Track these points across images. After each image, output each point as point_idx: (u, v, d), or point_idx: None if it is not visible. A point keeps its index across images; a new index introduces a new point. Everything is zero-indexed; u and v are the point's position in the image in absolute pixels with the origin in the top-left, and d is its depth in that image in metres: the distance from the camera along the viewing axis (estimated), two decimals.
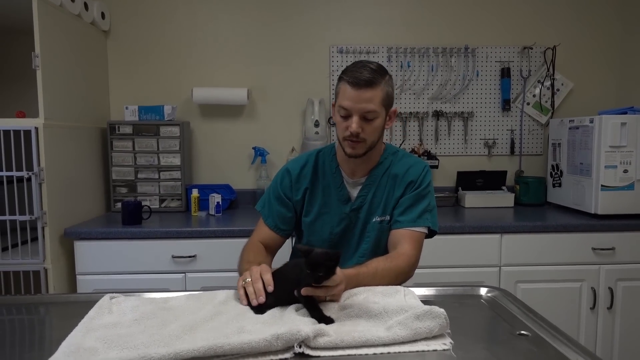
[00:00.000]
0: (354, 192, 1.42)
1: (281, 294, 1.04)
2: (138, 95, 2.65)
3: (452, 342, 0.89)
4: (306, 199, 1.44)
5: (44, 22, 1.96)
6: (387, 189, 1.41)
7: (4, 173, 1.90)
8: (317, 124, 2.56)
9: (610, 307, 2.17)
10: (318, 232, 1.44)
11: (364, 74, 1.26)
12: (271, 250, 1.46)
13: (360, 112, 1.27)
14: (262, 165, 2.62)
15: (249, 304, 1.06)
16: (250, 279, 1.09)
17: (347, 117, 1.29)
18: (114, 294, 1.11)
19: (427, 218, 1.37)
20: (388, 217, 1.40)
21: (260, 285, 1.07)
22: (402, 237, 1.34)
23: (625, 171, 2.19)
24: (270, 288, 1.05)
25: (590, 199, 2.24)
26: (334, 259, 0.98)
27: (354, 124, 1.27)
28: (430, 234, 1.40)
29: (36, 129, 1.91)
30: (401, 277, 1.26)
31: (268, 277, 1.08)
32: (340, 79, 1.32)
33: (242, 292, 1.09)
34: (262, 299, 1.04)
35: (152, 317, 0.98)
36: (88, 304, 1.05)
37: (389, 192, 1.40)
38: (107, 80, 2.65)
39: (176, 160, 2.47)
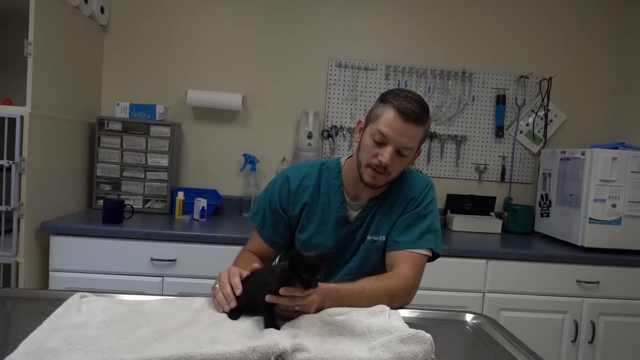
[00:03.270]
0: (354, 214, 1.32)
1: (251, 297, 0.99)
2: (131, 92, 2.61)
3: None
4: (303, 214, 1.33)
5: (41, 10, 1.92)
6: (387, 208, 1.31)
7: None
8: (310, 136, 2.54)
9: (592, 341, 2.15)
10: (312, 251, 1.36)
11: (415, 107, 1.16)
12: (266, 261, 1.36)
13: (398, 145, 1.17)
14: (252, 173, 2.58)
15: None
16: (218, 285, 1.05)
17: (381, 144, 1.18)
18: (85, 293, 1.06)
19: (430, 239, 1.26)
20: (382, 238, 1.30)
21: (228, 289, 1.03)
22: (401, 259, 1.23)
23: (614, 205, 2.19)
24: (239, 291, 1.01)
25: (577, 231, 2.24)
26: (325, 260, 0.95)
27: (387, 154, 1.17)
28: (432, 256, 1.29)
29: (22, 117, 1.86)
30: (396, 299, 1.15)
31: (236, 281, 1.03)
32: (385, 101, 1.20)
33: (215, 300, 1.05)
34: (233, 303, 1.01)
35: (123, 320, 0.94)
36: (58, 301, 1.00)
37: (387, 211, 1.31)
38: (100, 75, 2.60)
39: (164, 161, 2.42)
